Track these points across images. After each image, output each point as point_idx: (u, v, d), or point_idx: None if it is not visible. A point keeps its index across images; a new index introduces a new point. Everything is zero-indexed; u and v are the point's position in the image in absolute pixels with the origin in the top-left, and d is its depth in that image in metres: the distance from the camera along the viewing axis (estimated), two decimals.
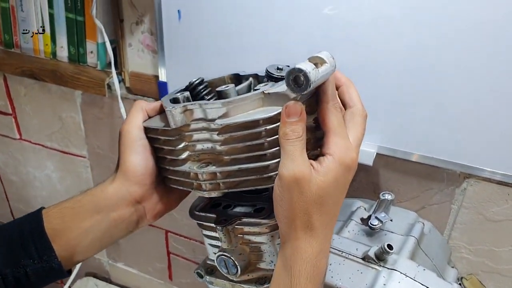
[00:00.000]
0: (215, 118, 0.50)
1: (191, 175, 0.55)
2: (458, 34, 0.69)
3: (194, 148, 0.54)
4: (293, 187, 0.44)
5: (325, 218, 0.45)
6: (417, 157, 0.79)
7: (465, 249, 0.85)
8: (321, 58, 0.48)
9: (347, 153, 0.45)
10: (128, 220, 0.57)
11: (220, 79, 0.62)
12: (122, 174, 0.55)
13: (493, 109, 0.71)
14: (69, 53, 1.07)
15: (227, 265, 0.60)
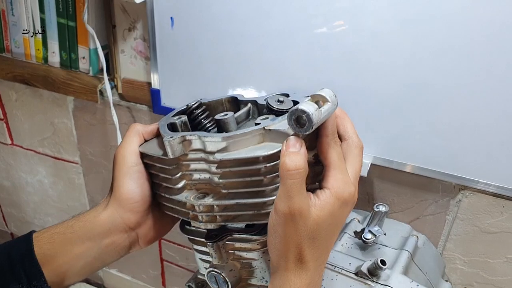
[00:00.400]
0: (214, 151, 0.50)
1: (188, 205, 0.54)
2: (453, 47, 0.68)
3: (191, 177, 0.53)
4: (288, 222, 0.43)
5: (317, 252, 0.45)
6: (412, 168, 0.79)
7: (460, 260, 0.85)
8: (323, 96, 0.47)
9: (345, 187, 0.45)
10: (120, 246, 0.56)
11: (218, 102, 0.61)
12: (116, 201, 0.54)
13: (489, 121, 0.70)
14: (61, 58, 1.06)
15: (217, 281, 0.59)
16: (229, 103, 0.62)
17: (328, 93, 0.48)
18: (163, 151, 0.53)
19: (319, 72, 0.78)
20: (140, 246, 0.59)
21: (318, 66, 0.78)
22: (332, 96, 0.48)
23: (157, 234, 0.59)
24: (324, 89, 0.48)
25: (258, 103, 0.59)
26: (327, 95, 0.48)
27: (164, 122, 0.56)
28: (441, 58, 0.69)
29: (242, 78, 0.85)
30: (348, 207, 0.46)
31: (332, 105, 0.48)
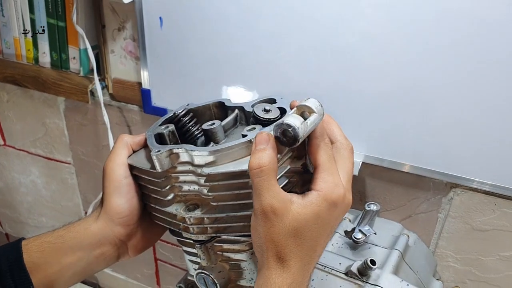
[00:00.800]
0: (202, 165, 0.50)
1: (178, 217, 0.54)
2: (443, 45, 0.67)
3: (181, 189, 0.53)
4: (263, 220, 0.43)
5: (300, 251, 0.44)
6: (403, 166, 0.78)
7: (452, 258, 0.84)
8: (309, 107, 0.47)
9: (335, 189, 0.44)
10: (110, 257, 0.56)
11: (205, 107, 0.61)
12: (106, 215, 0.54)
13: (480, 119, 0.70)
14: (52, 59, 1.05)
15: (206, 282, 0.59)
16: (217, 108, 0.61)
17: (314, 103, 0.48)
18: (151, 164, 0.53)
19: (311, 72, 0.78)
20: (129, 256, 0.59)
21: (309, 66, 0.78)
22: (318, 107, 0.48)
23: (147, 244, 0.60)
24: (310, 99, 0.48)
25: (245, 110, 0.59)
26: (313, 105, 0.47)
27: (152, 133, 0.55)
28: (432, 57, 0.69)
29: (232, 78, 0.85)
30: (338, 209, 0.45)
31: (318, 115, 0.47)
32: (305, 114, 0.48)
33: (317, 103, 0.49)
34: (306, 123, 0.46)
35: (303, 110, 0.48)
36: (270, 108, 0.54)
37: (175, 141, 0.57)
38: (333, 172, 0.45)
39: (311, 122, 0.47)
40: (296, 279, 0.44)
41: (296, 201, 0.44)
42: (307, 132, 0.46)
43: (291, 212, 0.43)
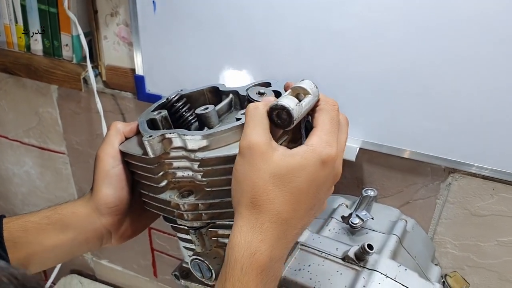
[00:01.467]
0: (195, 149, 0.49)
1: (172, 204, 0.53)
2: (445, 27, 0.66)
3: (174, 175, 0.52)
4: (247, 157, 0.42)
5: (278, 204, 0.41)
6: (401, 152, 0.77)
7: (450, 244, 0.84)
8: (304, 89, 0.46)
9: (326, 147, 0.42)
10: (93, 243, 0.55)
11: (199, 92, 0.60)
12: (94, 203, 0.53)
13: (478, 103, 0.69)
14: (44, 46, 1.03)
15: (201, 269, 0.58)
16: (211, 94, 0.60)
17: (309, 84, 0.47)
18: (143, 150, 0.52)
19: (307, 56, 0.77)
20: (113, 244, 0.58)
21: (305, 50, 0.76)
22: (313, 88, 0.47)
23: (133, 233, 0.59)
24: (305, 80, 0.48)
25: (240, 94, 0.58)
26: (307, 87, 0.47)
27: (144, 119, 0.54)
28: (430, 41, 0.68)
29: (227, 63, 0.83)
30: (326, 171, 0.42)
31: (313, 97, 0.47)
32: (300, 96, 0.47)
33: (312, 84, 0.48)
34: (301, 105, 0.45)
35: (298, 91, 0.47)
36: (265, 91, 0.54)
37: (168, 126, 0.56)
38: (331, 133, 0.43)
39: (306, 103, 0.46)
40: (266, 237, 0.40)
41: (283, 149, 0.42)
42: (302, 113, 0.45)
43: (275, 156, 0.41)
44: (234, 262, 0.40)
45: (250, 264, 0.39)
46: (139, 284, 1.34)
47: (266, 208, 0.41)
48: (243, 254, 0.40)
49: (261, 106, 0.44)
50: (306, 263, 0.61)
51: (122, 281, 1.37)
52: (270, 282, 0.41)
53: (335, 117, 0.45)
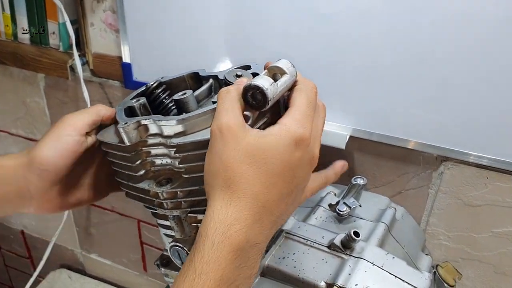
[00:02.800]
0: (171, 135, 0.47)
1: (151, 192, 0.51)
2: (436, 14, 0.64)
3: (153, 164, 0.51)
4: (217, 139, 0.40)
5: (253, 184, 0.39)
6: (392, 139, 0.75)
7: (444, 235, 0.81)
8: (280, 68, 0.45)
9: (299, 128, 0.40)
10: (13, 200, 0.51)
11: (179, 79, 0.58)
12: (29, 158, 0.50)
13: (470, 88, 0.67)
14: (31, 34, 1.01)
15: (180, 256, 0.56)
16: (191, 80, 0.59)
17: (285, 64, 0.46)
18: (119, 139, 0.50)
19: (294, 41, 0.75)
20: (32, 211, 0.54)
21: (294, 36, 0.74)
22: (290, 67, 0.46)
23: (57, 208, 0.55)
24: (281, 60, 0.46)
25: (220, 78, 0.56)
26: (284, 66, 0.46)
27: (122, 107, 0.53)
28: (419, 26, 0.66)
29: (215, 50, 0.81)
30: (300, 151, 0.40)
31: (290, 76, 0.46)
32: (277, 76, 0.46)
33: (289, 63, 0.46)
34: (276, 85, 0.44)
35: (274, 71, 0.46)
36: (243, 74, 0.52)
37: (147, 114, 0.54)
38: (306, 114, 0.42)
39: (282, 83, 0.45)
40: (242, 216, 0.38)
41: (256, 131, 0.41)
42: (277, 93, 0.44)
43: (248, 137, 0.40)
44: (205, 237, 0.38)
45: (223, 240, 0.37)
46: (128, 278, 1.32)
47: (241, 187, 0.39)
48: (216, 229, 0.38)
49: (233, 89, 0.43)
50: (290, 251, 0.59)
51: (112, 276, 1.35)
52: (244, 268, 0.39)
53: (312, 99, 0.44)
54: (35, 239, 1.42)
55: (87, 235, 1.29)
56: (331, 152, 0.81)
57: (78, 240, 1.33)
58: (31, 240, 1.43)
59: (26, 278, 1.22)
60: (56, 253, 1.37)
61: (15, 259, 1.54)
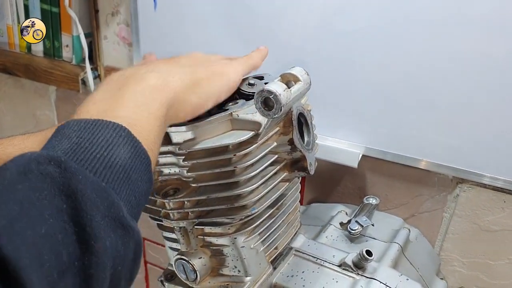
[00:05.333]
0: (180, 142, 0.46)
1: (158, 203, 0.50)
2: (451, 34, 0.63)
3: (161, 173, 0.50)
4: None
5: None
6: (407, 159, 0.73)
7: (458, 261, 0.78)
8: (294, 75, 0.45)
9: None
10: None
11: None
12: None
13: (488, 108, 0.65)
14: (44, 47, 1.02)
15: (185, 270, 0.54)
16: None
17: (300, 71, 0.45)
18: None
19: (311, 59, 0.74)
20: None
21: (310, 52, 0.74)
22: (303, 75, 0.45)
23: None
24: (295, 67, 0.46)
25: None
26: (298, 73, 0.45)
27: None
28: (437, 44, 0.65)
29: None
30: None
31: (304, 84, 0.45)
32: (290, 83, 0.45)
33: (303, 71, 0.46)
34: (290, 91, 0.43)
35: (288, 78, 0.46)
36: (255, 82, 0.51)
37: None
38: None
39: (296, 90, 0.44)
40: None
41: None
42: (291, 100, 0.43)
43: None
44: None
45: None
46: None
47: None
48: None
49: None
50: (299, 270, 0.57)
51: None
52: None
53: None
54: None
55: None
56: (343, 170, 0.80)
57: None
58: None
59: None
60: None
61: None
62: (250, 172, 0.46)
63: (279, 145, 0.50)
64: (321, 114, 0.66)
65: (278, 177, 0.51)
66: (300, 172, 0.51)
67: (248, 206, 0.48)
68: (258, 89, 0.43)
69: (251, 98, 0.48)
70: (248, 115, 0.46)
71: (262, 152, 0.47)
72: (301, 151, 0.49)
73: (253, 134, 0.46)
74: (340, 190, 0.82)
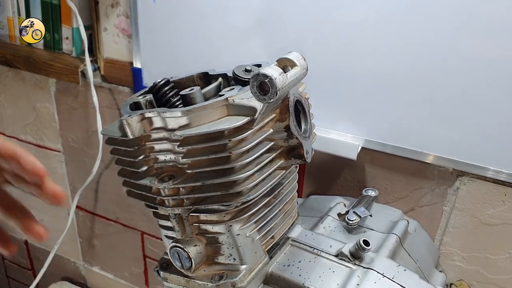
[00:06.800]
0: (176, 128, 0.46)
1: (153, 189, 0.50)
2: (452, 26, 0.63)
3: (156, 160, 0.49)
4: None
5: None
6: (407, 152, 0.72)
7: (458, 256, 0.77)
8: (290, 60, 0.44)
9: None
10: None
11: (189, 79, 0.58)
12: None
13: (488, 100, 0.65)
14: (44, 39, 1.01)
15: (180, 258, 0.54)
16: (201, 80, 0.58)
17: (296, 56, 0.45)
18: (123, 132, 0.49)
19: (311, 50, 0.73)
20: None
21: (307, 43, 0.73)
22: (300, 60, 0.45)
23: None
24: (292, 52, 0.46)
25: (229, 76, 0.56)
26: (294, 58, 0.45)
27: (128, 102, 0.52)
28: (439, 37, 0.64)
29: (229, 56, 0.80)
30: None
31: (300, 69, 0.44)
32: (287, 68, 0.44)
33: (300, 56, 0.45)
34: (286, 75, 0.42)
35: (285, 63, 0.45)
36: (252, 69, 0.51)
37: None
38: None
39: (292, 75, 0.44)
40: None
41: None
42: (287, 84, 0.43)
43: None
44: None
45: None
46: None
47: None
48: None
49: None
50: (296, 259, 0.56)
51: None
52: None
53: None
54: (38, 250, 1.40)
55: (90, 246, 1.27)
56: (342, 163, 0.79)
57: (81, 252, 1.30)
58: (34, 251, 1.41)
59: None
60: (58, 265, 1.34)
61: (18, 271, 1.52)
62: (245, 158, 0.46)
63: (276, 132, 0.49)
64: (321, 106, 0.66)
65: (274, 165, 0.50)
66: (297, 160, 0.51)
67: (244, 192, 0.47)
68: (252, 74, 0.42)
69: (247, 84, 0.47)
70: (244, 100, 0.45)
71: (258, 138, 0.47)
72: (298, 138, 0.49)
73: (248, 119, 0.45)
74: (339, 183, 0.82)
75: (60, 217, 1.26)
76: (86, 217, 1.22)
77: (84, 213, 1.21)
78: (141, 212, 1.07)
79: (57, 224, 1.28)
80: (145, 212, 1.07)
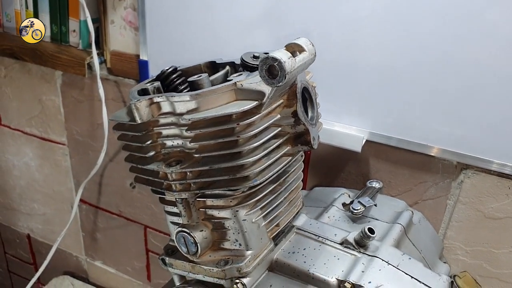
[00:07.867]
0: (184, 112, 0.47)
1: (160, 174, 0.51)
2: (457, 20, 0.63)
3: (164, 145, 0.50)
4: None
5: None
6: (411, 145, 0.73)
7: (461, 250, 0.78)
8: (299, 45, 0.45)
9: None
10: None
11: (196, 67, 0.58)
12: None
13: (493, 94, 0.65)
14: (52, 32, 1.02)
15: (186, 243, 0.54)
16: (208, 68, 0.59)
17: (305, 42, 0.46)
18: (131, 117, 0.50)
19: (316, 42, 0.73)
20: None
21: (312, 35, 0.73)
22: (309, 45, 0.46)
23: None
24: (301, 38, 0.46)
25: (236, 64, 0.56)
26: (303, 43, 0.45)
27: (135, 89, 0.52)
28: (442, 27, 0.65)
29: (236, 48, 0.81)
30: None
31: (308, 54, 0.45)
32: (295, 53, 0.45)
33: (308, 41, 0.46)
34: (294, 60, 0.43)
35: (293, 48, 0.46)
36: (259, 55, 0.51)
37: None
38: None
39: (300, 59, 0.44)
40: None
41: None
42: (295, 68, 0.43)
43: None
44: None
45: None
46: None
47: None
48: None
49: None
50: (301, 247, 0.57)
51: (115, 285, 1.32)
52: None
53: None
54: (40, 244, 1.40)
55: (93, 240, 1.27)
56: (347, 156, 0.79)
57: (84, 246, 1.31)
58: (37, 244, 1.41)
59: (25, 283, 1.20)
60: (60, 259, 1.34)
61: (20, 265, 1.52)
62: (253, 143, 0.46)
63: (283, 118, 0.49)
64: (325, 98, 0.66)
65: (281, 151, 0.50)
66: (304, 146, 0.51)
67: (251, 177, 0.48)
68: (261, 58, 0.42)
69: (255, 70, 0.48)
70: (252, 84, 0.46)
71: (266, 123, 0.47)
72: (305, 124, 0.49)
73: (256, 103, 0.46)
74: (343, 176, 0.82)
75: (63, 210, 1.26)
76: (89, 211, 1.22)
77: (87, 206, 1.22)
78: (144, 206, 1.08)
79: (60, 217, 1.28)
80: (148, 205, 1.07)
